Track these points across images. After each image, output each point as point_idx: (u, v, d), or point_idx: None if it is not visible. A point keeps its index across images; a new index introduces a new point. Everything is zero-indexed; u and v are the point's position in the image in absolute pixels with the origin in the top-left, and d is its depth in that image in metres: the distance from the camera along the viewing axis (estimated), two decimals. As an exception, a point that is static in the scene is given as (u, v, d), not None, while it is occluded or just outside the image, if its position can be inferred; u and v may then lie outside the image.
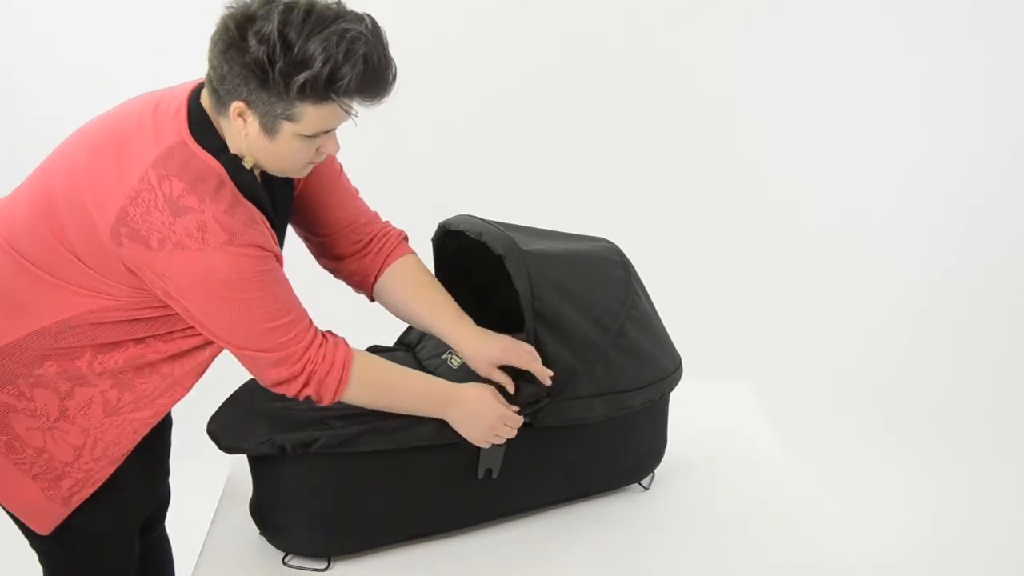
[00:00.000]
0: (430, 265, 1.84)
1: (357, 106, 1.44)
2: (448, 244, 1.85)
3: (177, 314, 1.53)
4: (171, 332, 1.57)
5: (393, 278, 1.76)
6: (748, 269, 3.70)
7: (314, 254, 1.81)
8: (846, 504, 3.03)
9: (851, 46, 3.59)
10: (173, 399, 1.64)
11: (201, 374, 1.64)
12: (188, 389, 1.65)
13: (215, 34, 1.40)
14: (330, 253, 1.78)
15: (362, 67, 1.37)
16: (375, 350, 1.94)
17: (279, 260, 1.53)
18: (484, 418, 1.66)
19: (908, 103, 3.64)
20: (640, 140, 3.61)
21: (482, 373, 1.70)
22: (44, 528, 1.66)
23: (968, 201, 3.71)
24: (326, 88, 1.38)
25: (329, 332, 1.60)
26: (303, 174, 1.55)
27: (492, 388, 1.68)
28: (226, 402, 1.73)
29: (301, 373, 1.53)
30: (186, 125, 1.45)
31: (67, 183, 1.49)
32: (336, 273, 1.81)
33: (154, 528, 1.95)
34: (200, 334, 1.57)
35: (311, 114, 1.41)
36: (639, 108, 3.59)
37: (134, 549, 1.79)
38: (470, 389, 1.67)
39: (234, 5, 1.40)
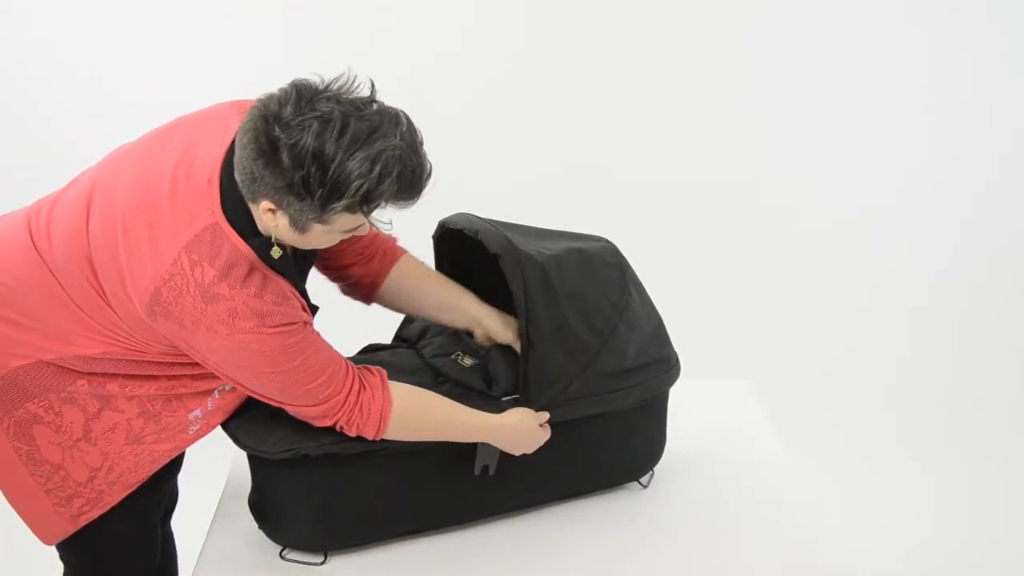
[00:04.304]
0: (430, 263, 1.86)
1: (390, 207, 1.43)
2: (448, 242, 1.85)
3: None
4: (203, 373, 1.58)
5: (403, 273, 1.77)
6: (748, 268, 3.69)
7: (317, 267, 1.77)
8: (846, 504, 3.03)
9: (851, 46, 3.58)
10: (197, 435, 1.65)
11: (229, 413, 1.66)
12: (213, 427, 1.66)
13: (244, 135, 1.36)
14: (334, 265, 1.77)
15: (397, 185, 1.37)
16: (372, 348, 1.94)
17: (310, 318, 1.53)
18: (522, 445, 1.72)
19: (911, 101, 3.63)
20: (640, 139, 3.61)
21: (510, 341, 1.77)
22: (48, 540, 1.68)
23: (969, 201, 3.70)
24: (361, 206, 1.37)
25: (367, 371, 1.61)
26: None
27: (532, 412, 1.71)
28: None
29: (339, 421, 1.57)
30: (219, 203, 1.43)
31: (103, 243, 1.48)
32: (339, 279, 1.79)
33: (160, 525, 1.95)
34: None
35: (343, 219, 1.40)
36: (639, 107, 3.59)
37: (155, 550, 1.80)
38: (513, 418, 1.70)
39: (264, 100, 1.36)
